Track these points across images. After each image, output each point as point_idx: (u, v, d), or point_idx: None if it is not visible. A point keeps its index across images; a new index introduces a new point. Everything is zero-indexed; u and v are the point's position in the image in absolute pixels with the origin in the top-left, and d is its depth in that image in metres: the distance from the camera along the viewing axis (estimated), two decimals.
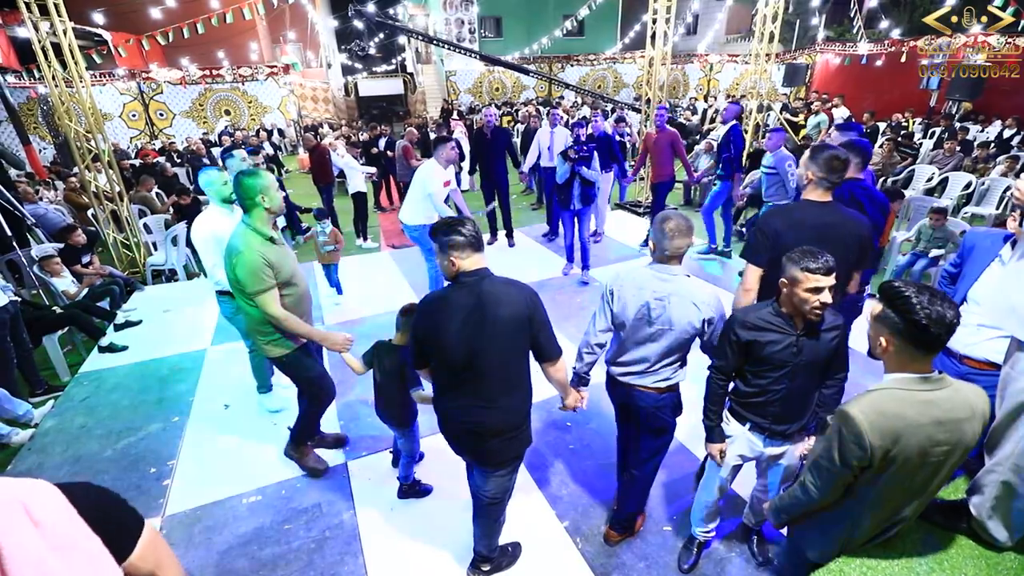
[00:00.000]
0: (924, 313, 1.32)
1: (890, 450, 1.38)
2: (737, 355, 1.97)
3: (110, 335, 4.68)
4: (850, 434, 1.40)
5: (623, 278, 2.16)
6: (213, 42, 15.24)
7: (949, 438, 1.40)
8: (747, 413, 2.07)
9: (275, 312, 2.48)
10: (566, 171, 5.08)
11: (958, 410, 1.40)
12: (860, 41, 14.56)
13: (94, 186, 5.98)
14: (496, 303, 1.84)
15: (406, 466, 2.82)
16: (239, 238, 2.45)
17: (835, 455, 1.45)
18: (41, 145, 13.41)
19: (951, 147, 8.17)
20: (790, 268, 1.79)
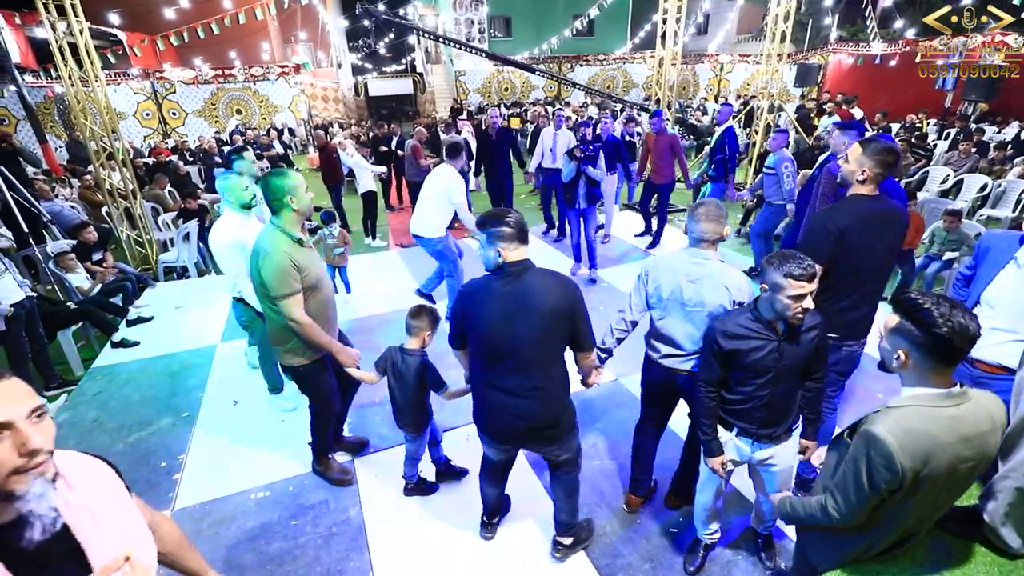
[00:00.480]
0: (947, 326, 1.25)
1: (920, 471, 1.31)
2: (721, 364, 1.96)
3: (122, 331, 4.75)
4: (879, 456, 1.31)
5: (659, 261, 2.30)
6: (225, 42, 15.40)
7: (975, 454, 1.34)
8: (733, 420, 2.06)
9: (298, 317, 2.37)
10: (572, 170, 5.10)
11: (982, 424, 1.35)
12: (873, 41, 14.40)
13: (108, 184, 6.06)
14: (538, 293, 1.90)
15: (411, 465, 2.81)
16: (267, 239, 2.37)
17: (863, 479, 1.36)
18: (57, 143, 13.62)
19: (966, 148, 8.05)
20: (772, 273, 1.77)
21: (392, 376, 2.56)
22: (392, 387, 2.59)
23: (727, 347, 1.91)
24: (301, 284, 2.37)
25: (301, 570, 2.47)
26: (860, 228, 2.22)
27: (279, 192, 2.36)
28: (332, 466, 2.99)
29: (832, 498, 1.45)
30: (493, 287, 1.95)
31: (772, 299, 1.79)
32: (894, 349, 1.37)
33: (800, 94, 16.42)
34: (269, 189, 2.36)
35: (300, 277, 2.35)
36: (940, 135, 10.64)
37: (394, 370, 2.55)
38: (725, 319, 1.96)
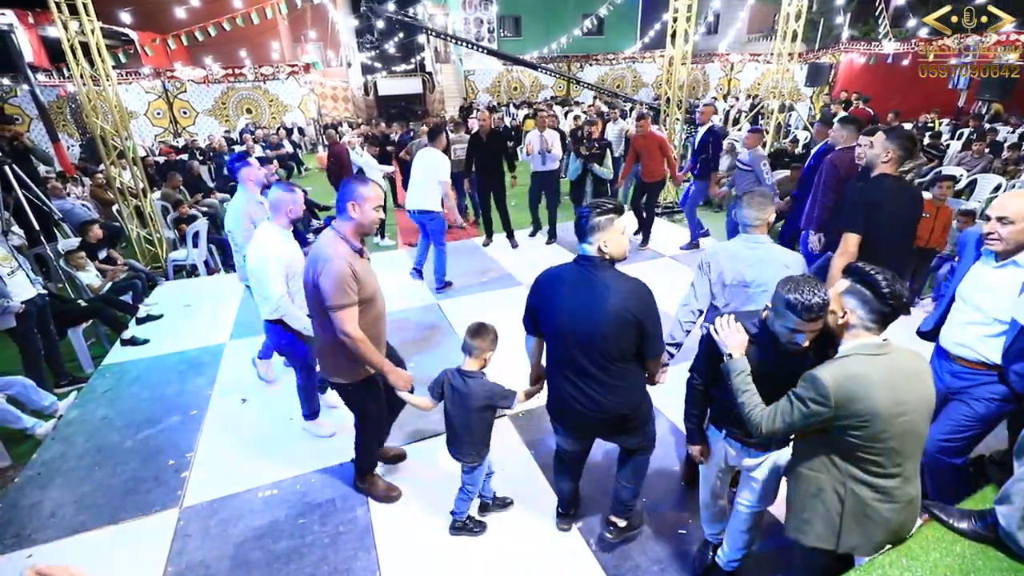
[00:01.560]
0: (889, 289, 1.52)
1: (856, 404, 1.53)
2: (711, 361, 1.92)
3: (132, 328, 4.78)
4: (815, 392, 1.56)
5: (717, 250, 2.45)
6: (236, 41, 15.52)
7: (912, 395, 1.57)
8: (723, 421, 2.03)
9: (352, 331, 2.21)
10: (578, 168, 5.17)
11: (908, 366, 1.59)
12: (885, 40, 14.24)
13: (119, 182, 6.11)
14: (608, 292, 1.90)
15: (464, 500, 2.55)
16: (328, 246, 2.22)
17: (796, 406, 1.61)
18: (69, 142, 13.78)
19: (980, 148, 7.94)
20: (779, 295, 1.65)
21: (450, 401, 2.33)
22: (450, 414, 2.35)
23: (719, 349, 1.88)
24: (357, 296, 2.23)
25: (308, 569, 2.47)
26: (891, 202, 2.58)
27: (350, 198, 2.25)
28: (378, 483, 2.84)
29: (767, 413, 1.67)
30: (566, 276, 2.00)
31: (775, 318, 1.72)
32: (840, 308, 1.61)
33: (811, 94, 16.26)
34: (344, 193, 2.26)
35: (357, 288, 2.22)
36: (953, 135, 10.50)
37: (453, 395, 2.32)
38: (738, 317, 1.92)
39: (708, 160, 5.94)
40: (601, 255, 1.92)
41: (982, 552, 1.92)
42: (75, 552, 2.61)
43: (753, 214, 2.31)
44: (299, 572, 2.45)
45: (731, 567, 2.22)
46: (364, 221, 2.29)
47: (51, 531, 2.72)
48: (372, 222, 2.32)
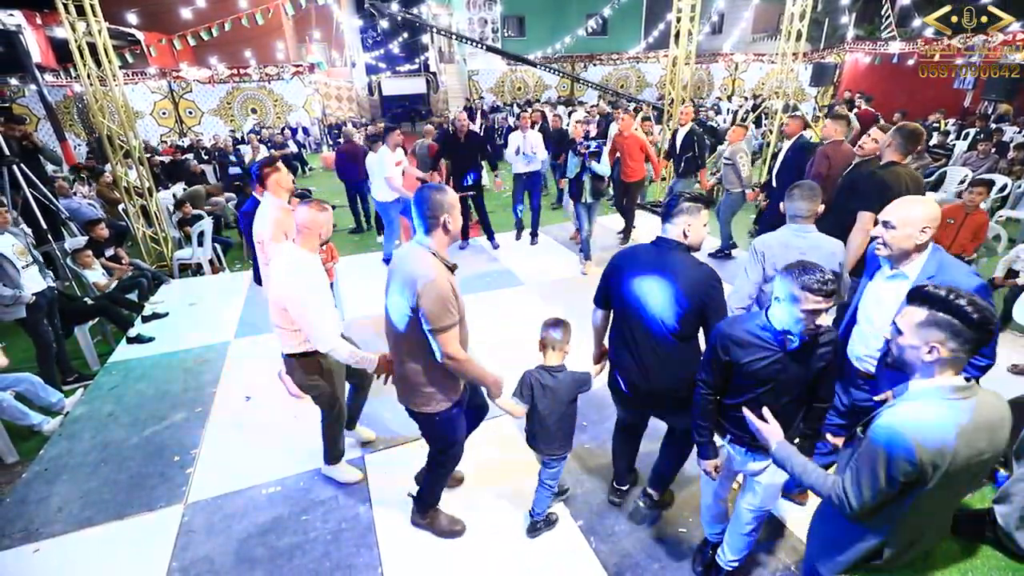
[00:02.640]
0: (978, 314, 1.29)
1: (939, 465, 1.30)
2: (720, 372, 1.88)
3: (138, 326, 4.82)
4: (899, 449, 1.31)
5: (768, 239, 2.58)
6: (241, 41, 15.57)
7: (988, 446, 1.35)
8: (728, 426, 1.98)
9: (456, 352, 2.03)
10: (576, 165, 5.33)
11: (993, 415, 1.36)
12: (890, 39, 14.16)
13: (125, 181, 6.16)
14: (680, 274, 2.05)
15: (545, 496, 2.53)
16: (423, 263, 1.99)
17: (880, 472, 1.35)
18: (77, 142, 13.87)
19: (986, 148, 7.90)
20: (788, 284, 1.65)
21: (541, 400, 2.32)
22: (541, 412, 2.33)
23: (726, 358, 1.83)
24: (457, 315, 2.05)
25: (311, 565, 2.49)
26: (900, 185, 2.82)
27: (438, 209, 1.99)
28: (441, 518, 2.63)
29: (846, 489, 1.43)
30: (639, 255, 2.19)
31: (786, 310, 1.68)
32: (925, 342, 1.35)
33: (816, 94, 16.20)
34: (427, 204, 2.00)
35: (457, 307, 2.03)
36: (959, 135, 10.45)
37: (544, 392, 2.31)
38: (733, 323, 1.87)
39: (693, 158, 6.14)
40: (681, 239, 2.09)
41: (980, 551, 1.92)
42: (81, 547, 2.65)
43: (804, 205, 2.50)
44: (302, 568, 2.48)
45: (731, 567, 2.23)
46: (456, 232, 2.08)
47: (58, 526, 2.76)
48: (459, 229, 2.13)
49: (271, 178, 3.21)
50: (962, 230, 4.45)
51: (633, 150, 6.11)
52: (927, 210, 1.90)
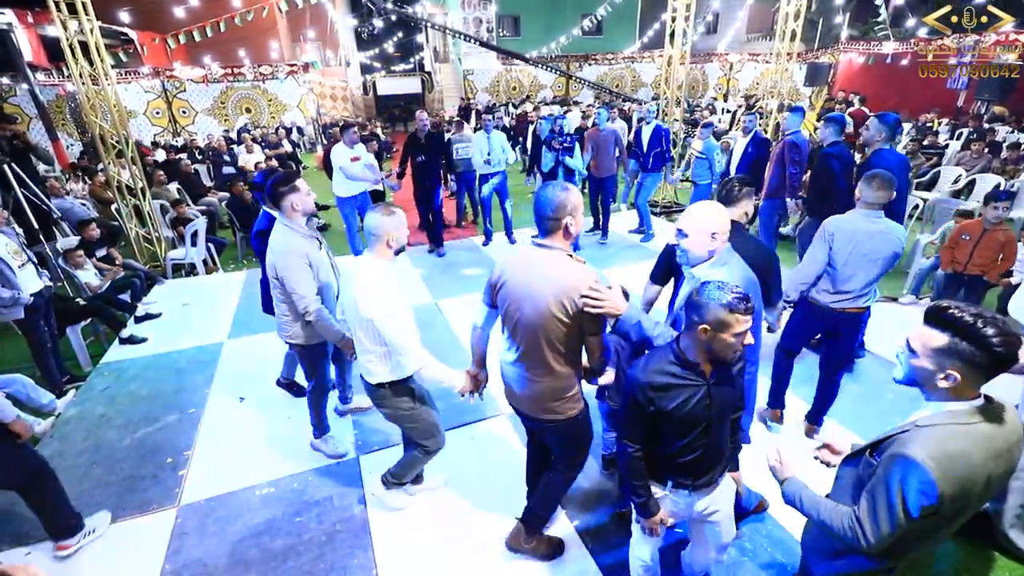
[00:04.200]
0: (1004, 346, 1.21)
1: (958, 497, 1.24)
2: (644, 423, 1.72)
3: (131, 327, 4.78)
4: (919, 483, 1.23)
5: (840, 223, 2.76)
6: (235, 41, 15.51)
7: (1005, 467, 1.30)
8: (668, 473, 1.82)
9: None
10: (551, 160, 5.54)
11: (1011, 436, 1.30)
12: (885, 39, 14.24)
13: (117, 181, 6.11)
14: (742, 252, 2.21)
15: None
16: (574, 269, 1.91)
17: (898, 506, 1.26)
18: (69, 141, 13.77)
19: (979, 148, 7.95)
20: (711, 311, 1.53)
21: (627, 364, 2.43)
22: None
23: (651, 407, 1.65)
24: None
25: (305, 566, 2.47)
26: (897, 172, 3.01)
27: (561, 210, 1.88)
28: (543, 541, 2.47)
29: (861, 524, 1.34)
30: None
31: (710, 339, 1.56)
32: (941, 368, 1.28)
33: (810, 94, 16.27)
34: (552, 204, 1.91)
35: None
36: (953, 135, 10.51)
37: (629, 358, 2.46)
38: (646, 367, 1.68)
39: (661, 154, 6.31)
40: (742, 220, 2.39)
41: (976, 550, 1.93)
42: (73, 550, 2.61)
43: (881, 194, 2.65)
44: (296, 570, 2.46)
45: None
46: (575, 235, 1.95)
47: None
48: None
49: (287, 199, 2.66)
50: (978, 249, 4.07)
51: (607, 145, 6.15)
52: (716, 219, 1.94)
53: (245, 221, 6.89)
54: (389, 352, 2.24)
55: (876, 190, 2.65)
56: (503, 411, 3.48)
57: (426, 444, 2.53)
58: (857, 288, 2.74)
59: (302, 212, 2.71)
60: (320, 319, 2.67)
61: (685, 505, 1.85)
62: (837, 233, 2.73)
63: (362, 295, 2.15)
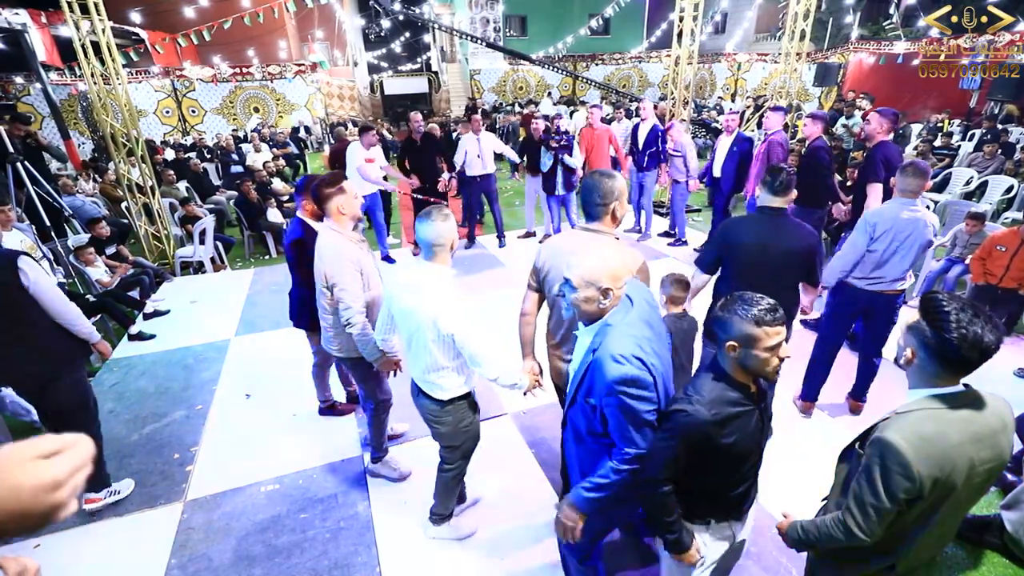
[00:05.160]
0: (959, 332, 1.22)
1: (938, 478, 1.26)
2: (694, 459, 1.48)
3: (139, 324, 4.83)
4: (895, 464, 1.27)
5: (880, 211, 2.92)
6: (244, 40, 15.61)
7: (991, 455, 1.31)
8: (710, 508, 1.62)
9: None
10: (549, 159, 5.57)
11: (993, 423, 1.31)
12: (895, 39, 14.10)
13: (127, 179, 6.17)
14: (791, 232, 2.48)
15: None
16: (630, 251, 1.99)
17: (880, 489, 1.30)
18: (81, 140, 13.91)
19: (991, 149, 7.85)
20: (737, 325, 1.40)
21: (680, 343, 2.57)
22: (679, 353, 2.57)
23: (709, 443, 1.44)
24: None
25: (309, 563, 2.48)
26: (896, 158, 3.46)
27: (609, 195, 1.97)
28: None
29: (851, 514, 1.36)
30: (758, 223, 2.57)
31: (740, 357, 1.43)
32: (906, 345, 1.37)
33: (820, 94, 16.15)
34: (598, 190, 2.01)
35: None
36: (964, 136, 10.40)
37: (683, 336, 2.59)
38: (703, 398, 1.45)
39: (656, 153, 6.29)
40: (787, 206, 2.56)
41: (986, 557, 1.90)
42: (81, 543, 2.65)
43: (916, 182, 2.79)
44: (300, 566, 2.47)
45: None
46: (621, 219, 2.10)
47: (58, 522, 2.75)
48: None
49: (333, 202, 2.46)
50: (1016, 260, 3.90)
51: (600, 143, 6.15)
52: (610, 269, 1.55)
53: (253, 220, 6.94)
54: (463, 364, 2.15)
55: (911, 178, 2.79)
56: (507, 411, 3.48)
57: (462, 463, 2.41)
58: (894, 273, 2.91)
59: (350, 216, 2.52)
60: (364, 333, 2.44)
61: (732, 536, 1.66)
62: (880, 223, 2.87)
63: (440, 311, 2.00)
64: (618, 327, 1.54)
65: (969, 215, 4.85)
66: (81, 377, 2.75)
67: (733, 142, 5.60)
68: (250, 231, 7.00)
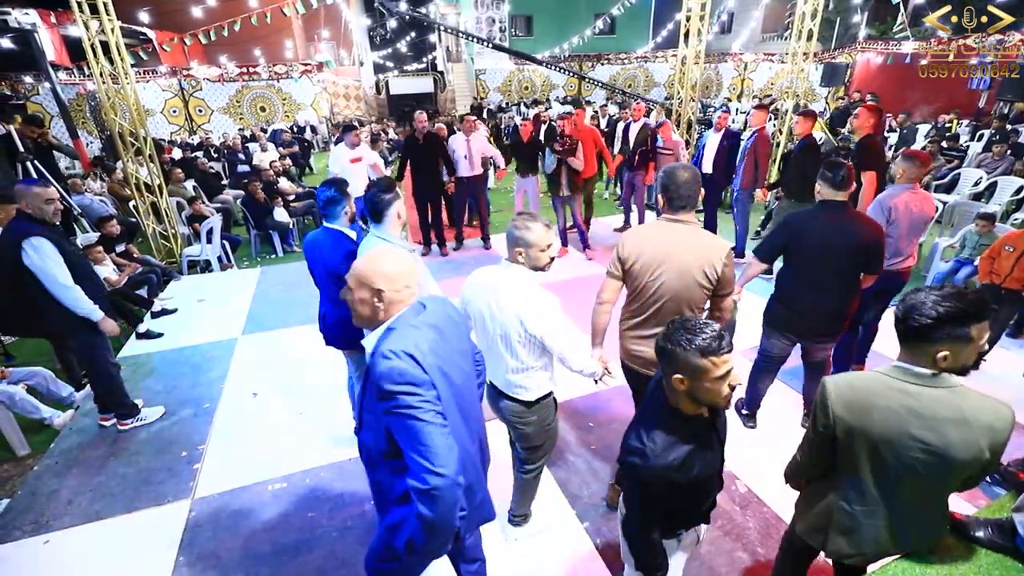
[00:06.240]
0: (902, 304, 1.42)
1: (853, 425, 1.46)
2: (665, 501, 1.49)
3: (147, 322, 4.86)
4: (820, 400, 1.52)
5: (891, 197, 3.15)
6: (250, 40, 15.67)
7: (932, 437, 1.39)
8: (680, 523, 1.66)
9: None
10: (552, 161, 5.65)
11: (941, 410, 1.38)
12: (903, 39, 14.01)
13: (135, 178, 6.21)
14: (851, 224, 2.57)
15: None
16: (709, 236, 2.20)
17: (811, 422, 1.58)
18: (89, 139, 14.01)
19: (1001, 150, 7.78)
20: (682, 358, 1.34)
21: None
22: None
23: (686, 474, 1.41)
24: None
25: (316, 562, 2.49)
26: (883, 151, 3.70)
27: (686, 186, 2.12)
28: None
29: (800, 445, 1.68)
30: (820, 216, 2.63)
31: (689, 389, 1.37)
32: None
33: (827, 94, 16.06)
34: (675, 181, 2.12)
35: None
36: (973, 136, 10.31)
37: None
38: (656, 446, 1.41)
39: (646, 152, 6.37)
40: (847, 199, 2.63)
41: (998, 562, 1.89)
42: (89, 540, 2.67)
43: (916, 169, 3.11)
44: (307, 565, 2.48)
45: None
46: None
47: (68, 518, 2.78)
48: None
49: (392, 208, 2.43)
50: (1022, 261, 3.78)
51: (586, 144, 6.12)
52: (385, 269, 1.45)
53: (259, 219, 6.97)
54: (549, 362, 2.13)
55: (918, 167, 3.12)
56: None
57: (543, 462, 2.39)
58: (906, 250, 3.22)
59: (402, 222, 2.49)
60: None
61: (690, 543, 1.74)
62: (894, 207, 3.12)
63: (526, 311, 1.96)
64: (400, 329, 1.44)
65: (979, 216, 4.81)
66: (87, 343, 3.18)
67: (722, 137, 5.77)
68: (257, 230, 7.03)
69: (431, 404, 1.35)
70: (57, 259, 2.89)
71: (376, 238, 2.43)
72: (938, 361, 1.37)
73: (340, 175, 5.48)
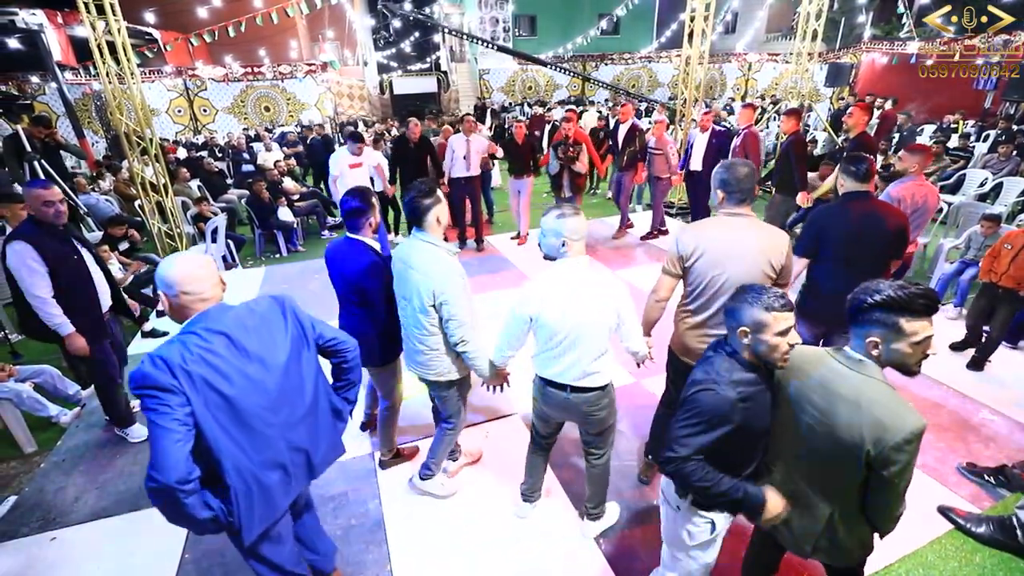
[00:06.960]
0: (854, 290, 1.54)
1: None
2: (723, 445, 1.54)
3: (153, 321, 4.88)
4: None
5: (899, 189, 3.32)
6: (255, 40, 15.73)
7: (823, 406, 1.47)
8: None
9: None
10: (556, 164, 5.78)
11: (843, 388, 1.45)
12: (908, 39, 13.95)
13: (140, 178, 6.24)
14: (877, 219, 2.61)
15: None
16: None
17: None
18: (94, 139, 14.09)
19: (1006, 151, 7.75)
20: (747, 311, 1.50)
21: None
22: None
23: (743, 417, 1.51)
24: None
25: None
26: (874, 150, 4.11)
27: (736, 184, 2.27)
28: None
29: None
30: (847, 211, 2.68)
31: (754, 342, 1.51)
32: None
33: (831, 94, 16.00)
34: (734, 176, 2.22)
35: None
36: (979, 136, 10.27)
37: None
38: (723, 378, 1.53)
39: (634, 152, 6.37)
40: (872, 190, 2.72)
41: (1002, 560, 1.89)
42: (97, 537, 2.69)
43: (915, 160, 3.38)
44: None
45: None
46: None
47: (74, 515, 2.81)
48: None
49: (433, 212, 2.34)
50: (1018, 260, 3.70)
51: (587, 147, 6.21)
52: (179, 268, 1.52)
53: (264, 219, 6.99)
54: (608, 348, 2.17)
55: (922, 158, 3.38)
56: (516, 411, 3.49)
57: (611, 444, 2.46)
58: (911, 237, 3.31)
59: (442, 226, 2.41)
60: (479, 351, 2.36)
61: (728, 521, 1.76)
62: (901, 198, 3.30)
63: (622, 303, 2.07)
64: (179, 335, 1.52)
65: (984, 217, 4.78)
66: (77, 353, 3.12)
67: (710, 136, 5.95)
68: (261, 230, 7.06)
69: (170, 409, 1.41)
70: (32, 265, 2.77)
71: (419, 240, 2.36)
72: (867, 347, 1.43)
73: (338, 177, 5.56)
